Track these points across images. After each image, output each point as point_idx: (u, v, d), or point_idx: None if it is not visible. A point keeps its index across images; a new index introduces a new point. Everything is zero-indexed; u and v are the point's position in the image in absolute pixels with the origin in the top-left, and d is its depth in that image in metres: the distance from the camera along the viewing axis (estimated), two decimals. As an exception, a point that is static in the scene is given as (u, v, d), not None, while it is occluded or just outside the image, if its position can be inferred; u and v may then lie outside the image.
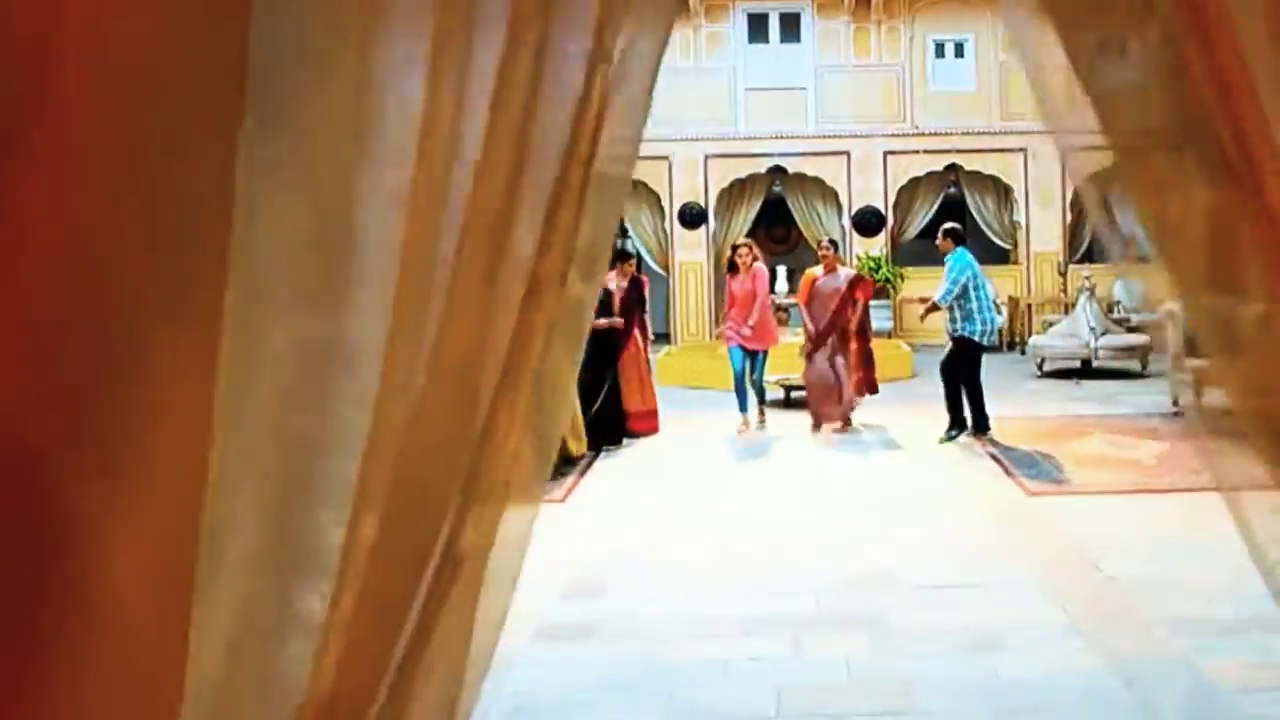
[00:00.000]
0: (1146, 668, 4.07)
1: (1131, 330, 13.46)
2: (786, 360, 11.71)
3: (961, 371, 8.60)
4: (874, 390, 9.88)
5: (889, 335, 15.31)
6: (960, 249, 8.52)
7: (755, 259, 9.36)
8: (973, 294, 8.32)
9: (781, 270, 13.43)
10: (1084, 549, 5.66)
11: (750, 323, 9.19)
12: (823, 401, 9.46)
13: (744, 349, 9.35)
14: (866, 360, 9.71)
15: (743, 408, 9.46)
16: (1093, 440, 8.67)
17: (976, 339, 8.43)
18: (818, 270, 9.49)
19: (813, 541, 6.01)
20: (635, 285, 9.52)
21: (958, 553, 5.73)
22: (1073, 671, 4.05)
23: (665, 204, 16.14)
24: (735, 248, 9.66)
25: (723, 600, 5.04)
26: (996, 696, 3.84)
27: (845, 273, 9.61)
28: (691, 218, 16.13)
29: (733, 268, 9.46)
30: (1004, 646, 4.32)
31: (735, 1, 16.02)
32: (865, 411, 9.84)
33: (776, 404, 10.91)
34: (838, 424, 9.40)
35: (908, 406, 10.56)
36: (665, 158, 16.00)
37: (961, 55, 16.05)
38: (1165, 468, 7.64)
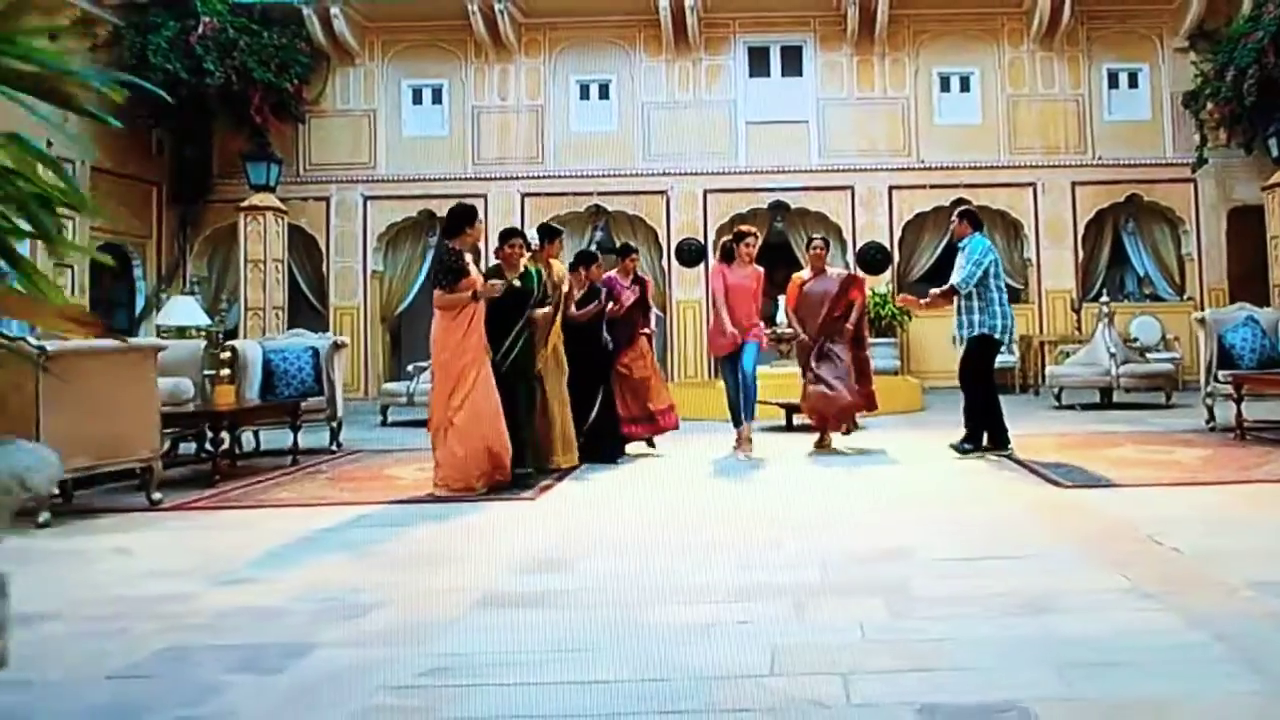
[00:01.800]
0: (1240, 623, 3.25)
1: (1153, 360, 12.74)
2: (789, 386, 11.03)
3: (978, 373, 7.55)
4: (872, 406, 8.74)
5: (896, 373, 14.58)
6: (978, 234, 7.59)
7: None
8: (992, 283, 7.35)
9: (780, 298, 12.64)
10: (1135, 527, 4.84)
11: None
12: (825, 410, 8.30)
13: (730, 357, 8.18)
14: (861, 372, 8.53)
15: (736, 422, 8.23)
16: (1125, 449, 7.85)
17: (996, 335, 7.35)
18: (805, 273, 8.58)
19: (818, 526, 5.20)
20: (639, 285, 8.71)
21: (987, 533, 4.92)
22: (1146, 630, 3.23)
23: (662, 240, 15.53)
24: (741, 234, 8.34)
25: (711, 573, 4.21)
26: (1055, 653, 3.01)
27: (836, 273, 8.64)
28: (690, 255, 15.48)
29: (729, 255, 8.28)
30: (1058, 608, 3.50)
31: (735, 34, 15.62)
32: (870, 435, 9.00)
33: (778, 429, 10.15)
34: (840, 429, 8.48)
35: (918, 431, 9.80)
36: (663, 192, 15.47)
37: (967, 89, 15.58)
38: (1211, 466, 6.84)
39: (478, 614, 3.69)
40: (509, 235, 7.11)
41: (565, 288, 7.50)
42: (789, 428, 10.29)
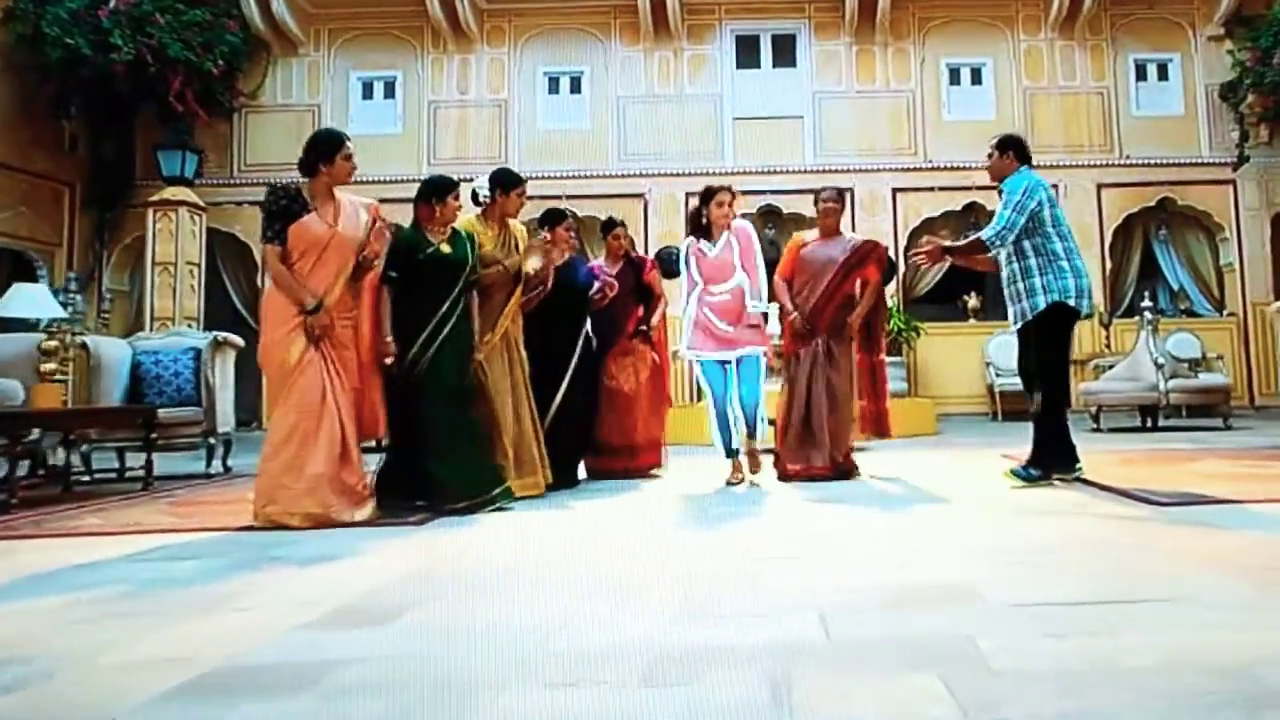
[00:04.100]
0: None
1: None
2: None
3: (1049, 360, 5.23)
4: (884, 432, 6.45)
5: (903, 395, 12.85)
6: (1025, 168, 5.43)
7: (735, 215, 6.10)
8: (1052, 231, 5.18)
9: (773, 307, 10.84)
10: (1314, 554, 3.09)
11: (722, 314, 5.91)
12: (800, 441, 6.00)
13: (720, 360, 5.93)
14: (874, 383, 6.35)
15: (729, 449, 5.97)
16: (1209, 463, 6.12)
17: (1071, 300, 5.14)
18: (808, 234, 6.39)
19: (819, 557, 3.45)
20: (634, 267, 6.75)
21: (1081, 565, 3.15)
22: None
23: (639, 248, 13.82)
24: (709, 192, 6.10)
25: (633, 624, 2.45)
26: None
27: (850, 239, 6.33)
28: (671, 265, 13.72)
29: (700, 229, 6.10)
30: (1292, 697, 1.75)
31: (722, 21, 14.09)
32: (880, 458, 7.15)
33: (763, 450, 8.39)
34: (825, 470, 5.89)
35: (940, 452, 8.07)
36: (640, 195, 13.83)
37: (979, 81, 14.01)
38: (1350, 480, 5.09)
39: (157, 709, 1.93)
40: (433, 189, 5.12)
41: (529, 257, 5.59)
42: (781, 449, 8.55)
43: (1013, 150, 5.45)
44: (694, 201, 6.08)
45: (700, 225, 6.14)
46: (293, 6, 13.57)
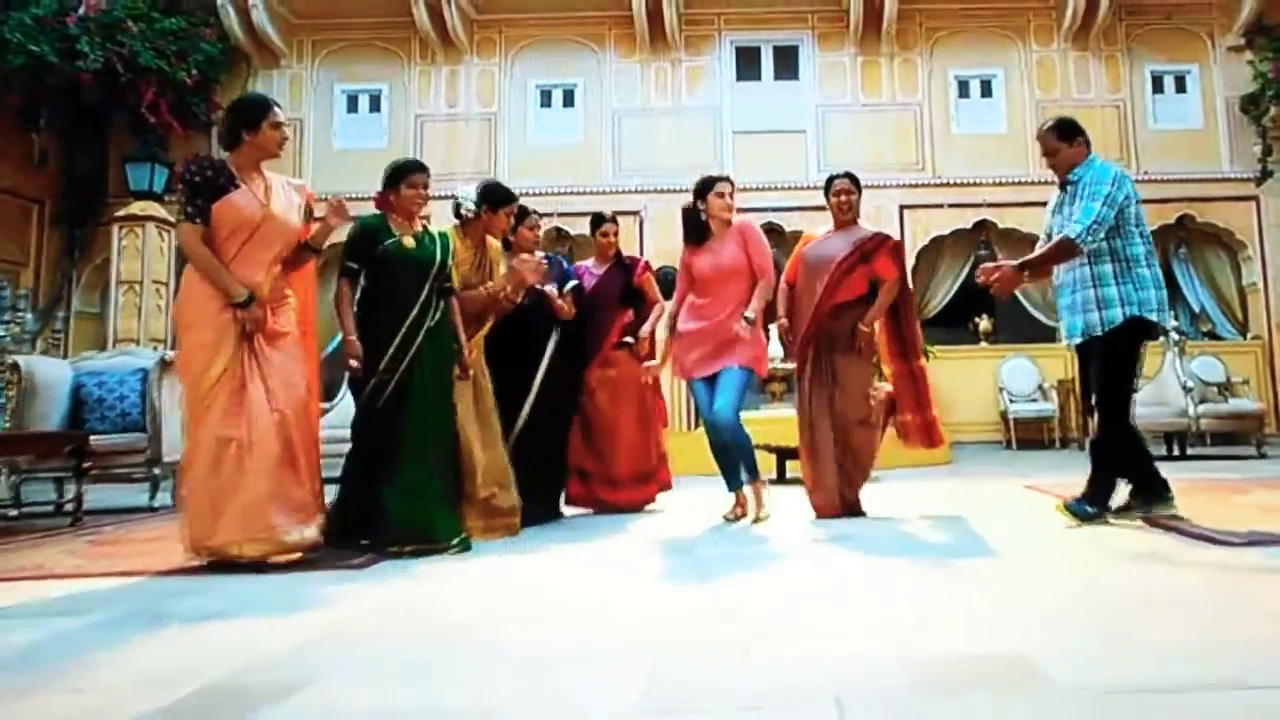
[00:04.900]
0: None
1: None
2: (779, 431, 8.69)
3: (1115, 382, 4.50)
4: (935, 442, 5.55)
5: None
6: (1095, 156, 4.66)
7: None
8: (1134, 231, 4.46)
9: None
10: None
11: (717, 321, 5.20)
12: (818, 472, 5.19)
13: (705, 379, 5.21)
14: (915, 392, 5.47)
15: (729, 482, 5.26)
16: (1263, 495, 5.46)
17: (1152, 315, 4.46)
18: (820, 230, 5.61)
19: (831, 615, 2.79)
20: (623, 268, 6.08)
21: (1162, 626, 2.48)
22: None
23: (636, 268, 13.21)
24: (709, 182, 5.45)
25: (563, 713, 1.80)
26: None
27: (861, 231, 5.40)
28: (668, 285, 13.13)
29: (697, 232, 5.46)
30: None
31: (721, 32, 13.53)
32: (896, 490, 6.48)
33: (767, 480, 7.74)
34: (832, 508, 5.13)
35: (960, 483, 7.42)
36: (636, 213, 13.18)
37: (989, 93, 13.42)
38: None
39: None
40: (402, 173, 4.58)
41: (509, 282, 5.07)
42: (780, 479, 7.92)
43: (1082, 136, 4.68)
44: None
45: (697, 224, 5.45)
46: (274, 16, 13.04)
